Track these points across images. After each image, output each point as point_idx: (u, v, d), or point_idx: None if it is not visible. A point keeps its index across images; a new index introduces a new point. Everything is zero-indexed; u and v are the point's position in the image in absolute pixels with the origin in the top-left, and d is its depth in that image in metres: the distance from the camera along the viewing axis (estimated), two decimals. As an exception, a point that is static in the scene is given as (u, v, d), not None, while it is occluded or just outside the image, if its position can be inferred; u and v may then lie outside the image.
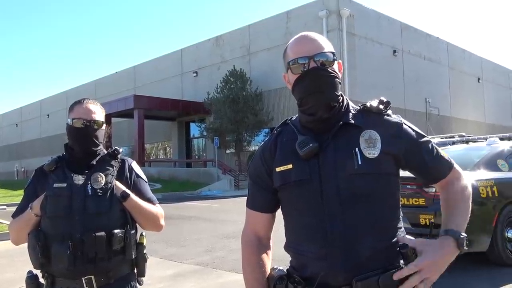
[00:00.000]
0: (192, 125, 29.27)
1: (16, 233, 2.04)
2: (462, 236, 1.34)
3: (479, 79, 32.32)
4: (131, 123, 26.78)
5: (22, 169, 44.44)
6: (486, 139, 7.42)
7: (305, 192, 1.38)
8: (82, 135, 2.01)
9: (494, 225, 5.18)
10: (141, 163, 25.00)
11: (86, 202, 1.93)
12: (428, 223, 4.93)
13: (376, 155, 1.36)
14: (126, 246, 1.96)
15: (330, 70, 1.41)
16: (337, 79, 1.42)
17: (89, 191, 1.95)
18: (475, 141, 7.86)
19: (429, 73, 26.94)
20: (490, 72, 33.56)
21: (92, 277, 1.90)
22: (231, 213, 12.22)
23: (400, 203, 1.47)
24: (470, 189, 1.48)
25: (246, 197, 1.61)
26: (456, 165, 1.50)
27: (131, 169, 2.13)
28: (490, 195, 5.19)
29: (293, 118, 1.54)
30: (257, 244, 1.53)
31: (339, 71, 1.47)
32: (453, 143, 8.33)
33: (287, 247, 1.49)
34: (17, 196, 18.69)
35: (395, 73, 24.51)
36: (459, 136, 9.73)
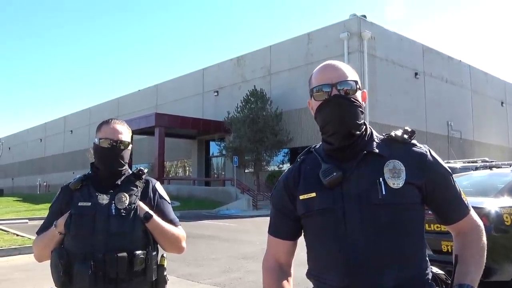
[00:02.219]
0: (212, 143, 29.45)
1: (39, 250, 2.06)
2: None
3: (502, 102, 31.84)
4: (152, 140, 27.10)
5: (45, 184, 45.20)
6: (510, 165, 7.28)
7: (328, 221, 1.38)
8: (108, 155, 2.03)
9: (519, 254, 5.03)
10: (160, 181, 25.05)
11: (110, 221, 1.94)
12: (450, 250, 4.83)
13: (400, 185, 1.35)
14: (147, 268, 1.96)
15: (352, 99, 1.41)
16: (359, 108, 1.42)
17: (113, 210, 1.96)
18: (499, 167, 7.71)
19: (451, 96, 26.67)
20: (514, 96, 33.06)
21: None
22: (249, 233, 12.16)
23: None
24: (485, 241, 1.45)
25: (263, 217, 1.62)
26: (472, 211, 1.47)
27: (154, 190, 2.14)
28: (515, 223, 5.05)
29: (316, 146, 1.55)
30: (278, 271, 1.53)
31: (363, 100, 1.47)
32: (476, 168, 8.19)
33: (309, 275, 1.48)
34: (39, 210, 18.97)
35: (417, 96, 24.33)
36: (482, 161, 9.57)
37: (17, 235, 11.30)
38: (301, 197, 1.44)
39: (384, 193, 1.34)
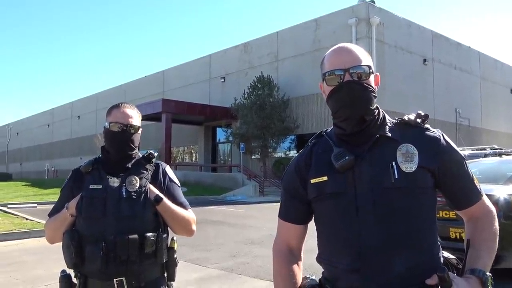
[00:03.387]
0: (219, 130, 29.48)
1: (51, 232, 2.08)
2: (487, 276, 1.31)
3: (511, 90, 31.51)
4: (159, 126, 27.15)
5: (52, 169, 45.60)
6: (519, 152, 7.23)
7: (340, 205, 1.38)
8: (118, 139, 2.04)
9: (528, 241, 5.02)
10: (167, 167, 25.26)
11: (120, 204, 1.96)
12: (458, 237, 4.83)
13: (413, 169, 1.34)
14: (158, 250, 1.98)
15: (365, 84, 1.39)
16: (372, 93, 1.41)
17: (124, 193, 1.98)
18: (508, 154, 7.66)
19: (459, 83, 26.44)
20: (523, 83, 32.74)
21: (124, 279, 1.93)
22: (255, 219, 12.23)
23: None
24: (497, 227, 1.43)
25: (270, 204, 1.62)
26: (485, 196, 1.46)
27: (164, 173, 2.15)
28: (524, 210, 5.04)
29: (328, 130, 1.54)
30: (288, 255, 1.53)
31: (376, 85, 1.45)
32: (485, 155, 8.14)
33: (320, 259, 1.48)
34: (47, 194, 19.15)
35: (425, 83, 24.14)
36: (491, 149, 9.51)
37: (27, 219, 11.43)
38: (313, 180, 1.44)
39: (396, 177, 1.32)
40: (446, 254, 1.44)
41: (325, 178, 1.41)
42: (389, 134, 1.40)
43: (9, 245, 8.54)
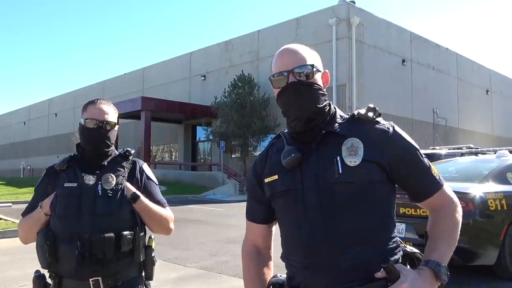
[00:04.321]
0: (199, 128, 29.32)
1: (25, 232, 2.05)
2: (441, 267, 1.28)
3: (487, 91, 32.16)
4: (138, 124, 26.87)
5: (28, 167, 44.64)
6: (495, 151, 7.37)
7: (289, 202, 1.39)
8: (94, 135, 2.00)
9: (503, 239, 5.13)
10: (146, 165, 25.03)
11: (96, 202, 1.92)
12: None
13: (357, 163, 1.32)
14: (135, 248, 1.95)
15: (309, 83, 1.40)
16: (318, 91, 1.42)
17: (99, 191, 1.94)
18: (484, 153, 7.81)
19: (437, 84, 26.86)
20: (499, 84, 33.42)
21: (100, 278, 1.89)
22: (235, 218, 12.20)
23: (394, 211, 1.41)
24: (459, 217, 1.40)
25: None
26: (446, 186, 1.43)
27: (142, 171, 2.12)
28: (499, 208, 5.14)
29: (285, 130, 1.55)
30: (256, 255, 1.55)
31: (325, 82, 1.47)
32: (462, 154, 8.28)
33: (281, 256, 1.49)
34: (23, 194, 18.76)
35: (404, 83, 24.44)
36: (467, 148, 9.68)
37: (1, 218, 11.17)
38: (266, 180, 1.47)
39: (340, 171, 1.32)
40: (409, 248, 1.42)
41: (276, 177, 1.43)
42: (337, 130, 1.40)
43: (-19, 245, 8.32)
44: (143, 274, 2.06)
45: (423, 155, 1.42)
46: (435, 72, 26.98)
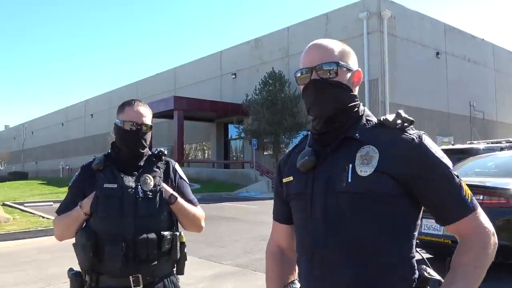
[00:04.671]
0: (230, 126, 29.50)
1: (62, 230, 2.07)
2: None
3: (527, 82, 31.02)
4: (171, 123, 27.26)
5: (67, 167, 46.06)
6: (536, 145, 7.12)
7: (301, 205, 1.37)
8: (132, 137, 2.04)
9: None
10: (180, 164, 25.37)
11: (137, 204, 1.96)
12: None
13: (368, 173, 1.24)
14: (173, 248, 2.01)
15: (332, 81, 1.33)
16: (342, 90, 1.34)
17: (140, 193, 1.98)
18: (524, 147, 7.55)
19: (473, 76, 26.09)
20: (539, 74, 32.20)
21: (140, 275, 1.95)
22: (268, 215, 12.15)
23: (415, 229, 1.30)
24: (489, 251, 1.22)
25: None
26: (480, 212, 1.25)
27: (175, 171, 2.17)
28: (541, 204, 4.97)
29: None
30: (279, 256, 1.53)
31: (356, 80, 1.39)
32: (501, 149, 8.03)
33: (296, 261, 1.46)
34: (63, 193, 19.34)
35: (438, 76, 23.86)
36: (507, 142, 9.37)
37: (43, 217, 11.61)
38: (284, 180, 1.46)
39: (349, 180, 1.25)
40: (431, 271, 1.29)
41: (291, 178, 1.41)
42: (357, 135, 1.31)
43: (26, 243, 8.68)
44: (175, 269, 2.11)
45: (455, 174, 1.27)
46: (470, 64, 26.21)
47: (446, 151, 7.30)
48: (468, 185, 1.33)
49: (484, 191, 4.86)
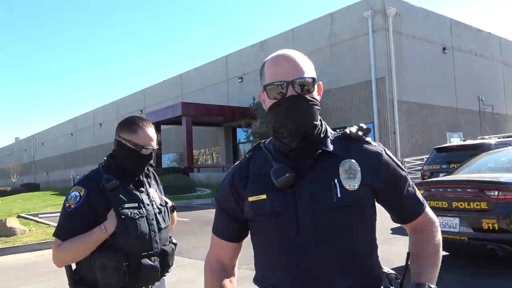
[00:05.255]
0: (239, 130, 29.56)
1: (74, 255, 1.94)
2: None
3: (536, 74, 30.76)
4: (179, 129, 27.38)
5: (78, 177, 46.31)
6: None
7: (280, 225, 1.29)
8: (145, 160, 2.06)
9: None
10: (190, 169, 25.48)
11: (158, 219, 2.07)
12: (491, 227, 4.76)
13: (356, 187, 1.28)
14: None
15: (309, 98, 1.31)
16: (316, 107, 1.34)
17: (156, 208, 2.09)
18: (538, 141, 7.50)
19: (481, 70, 25.93)
20: (548, 66, 31.90)
21: (156, 282, 2.09)
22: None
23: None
24: (440, 237, 1.43)
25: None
26: (428, 209, 1.45)
27: (159, 181, 2.31)
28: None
29: (266, 142, 1.45)
30: (220, 271, 1.45)
31: (319, 94, 1.38)
32: (514, 143, 7.98)
33: (256, 280, 1.41)
34: (75, 203, 19.49)
35: (446, 71, 23.75)
36: (519, 136, 9.31)
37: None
38: (250, 198, 1.34)
39: (339, 195, 1.26)
40: (386, 269, 1.41)
41: (264, 196, 1.31)
42: (332, 149, 1.33)
43: (44, 254, 8.74)
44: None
45: (409, 178, 1.42)
46: (478, 58, 26.06)
47: (458, 147, 7.28)
48: (482, 181, 1.45)
49: (498, 187, 4.84)
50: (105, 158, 2.13)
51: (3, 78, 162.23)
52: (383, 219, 1.52)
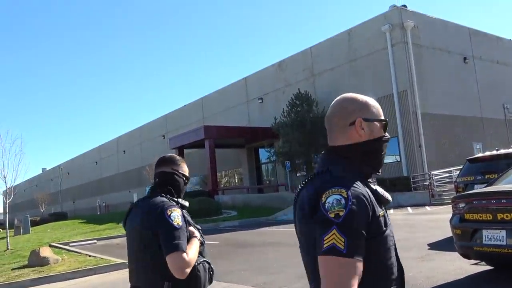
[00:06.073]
0: (261, 150, 29.60)
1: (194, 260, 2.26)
2: None
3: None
4: (201, 152, 27.57)
5: (104, 204, 46.92)
6: None
7: (392, 238, 1.46)
8: (184, 188, 2.57)
9: None
10: (214, 192, 25.51)
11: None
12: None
13: None
14: None
15: None
16: None
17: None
18: None
19: (504, 78, 25.53)
20: None
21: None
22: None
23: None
24: None
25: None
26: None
27: None
28: None
29: (340, 168, 1.47)
30: None
31: None
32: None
33: None
34: (104, 230, 19.68)
35: (468, 81, 23.46)
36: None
37: (89, 255, 11.76)
38: (381, 213, 1.40)
39: None
40: None
41: (382, 212, 1.42)
42: None
43: (77, 283, 8.79)
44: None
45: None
46: (499, 66, 25.71)
47: (492, 157, 7.08)
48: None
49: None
50: (163, 188, 2.44)
51: (31, 114, 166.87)
52: (418, 234, 1.45)
